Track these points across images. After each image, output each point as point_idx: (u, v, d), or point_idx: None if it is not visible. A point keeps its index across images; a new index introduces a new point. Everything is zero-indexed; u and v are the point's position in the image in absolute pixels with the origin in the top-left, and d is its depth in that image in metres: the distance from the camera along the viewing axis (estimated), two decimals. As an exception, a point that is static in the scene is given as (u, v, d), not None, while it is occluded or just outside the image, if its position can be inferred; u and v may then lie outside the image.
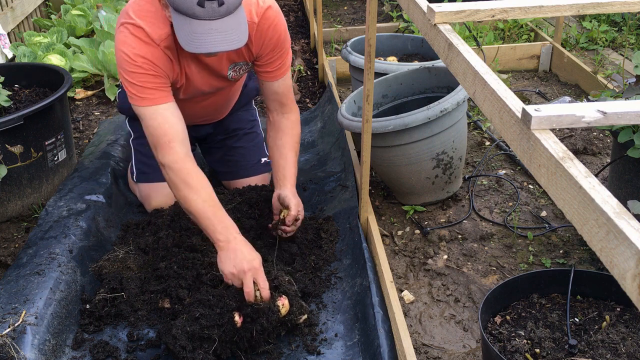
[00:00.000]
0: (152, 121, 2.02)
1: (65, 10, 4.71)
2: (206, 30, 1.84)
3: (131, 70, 2.00)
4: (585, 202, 0.74)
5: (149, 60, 2.00)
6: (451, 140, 2.45)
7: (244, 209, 2.37)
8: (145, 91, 2.01)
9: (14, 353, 1.70)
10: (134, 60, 1.99)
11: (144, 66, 1.99)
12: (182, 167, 1.99)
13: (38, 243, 2.20)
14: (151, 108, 2.02)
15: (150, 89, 2.02)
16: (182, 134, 2.03)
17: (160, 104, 2.02)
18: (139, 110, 2.04)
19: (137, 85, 2.01)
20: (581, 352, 1.60)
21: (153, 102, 2.02)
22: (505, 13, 1.28)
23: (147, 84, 2.01)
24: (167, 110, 2.03)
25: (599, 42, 4.32)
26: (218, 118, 2.66)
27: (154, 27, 2.00)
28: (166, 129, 2.01)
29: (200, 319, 1.84)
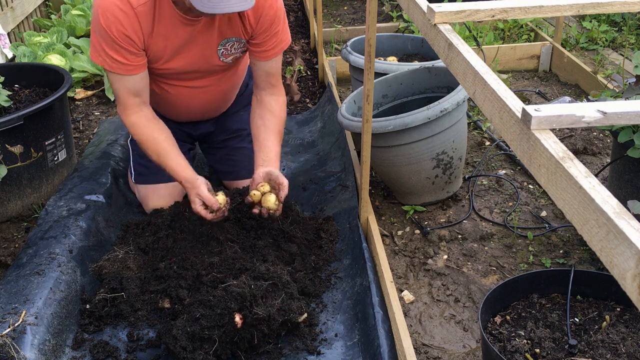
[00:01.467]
0: (116, 84, 2.19)
1: (65, 10, 4.71)
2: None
3: (102, 34, 2.08)
4: (585, 202, 0.74)
5: (123, 29, 2.07)
6: (451, 140, 2.45)
7: (244, 209, 2.37)
8: (116, 61, 2.12)
9: (14, 353, 1.70)
10: (109, 29, 2.07)
11: (118, 38, 2.08)
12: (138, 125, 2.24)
13: (38, 243, 2.20)
14: (117, 75, 2.16)
15: (120, 61, 2.12)
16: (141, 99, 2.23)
17: (125, 74, 2.16)
18: (106, 72, 2.20)
19: (108, 52, 2.11)
20: (581, 352, 1.60)
21: (120, 70, 2.14)
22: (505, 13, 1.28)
23: (118, 54, 2.11)
24: (130, 80, 2.18)
25: (599, 42, 4.32)
26: (217, 114, 2.64)
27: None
28: (126, 94, 2.20)
29: (200, 319, 1.84)
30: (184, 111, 2.53)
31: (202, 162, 3.00)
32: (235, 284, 1.91)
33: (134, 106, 2.23)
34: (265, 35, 2.24)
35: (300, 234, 2.32)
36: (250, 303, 1.86)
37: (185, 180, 2.22)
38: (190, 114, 2.56)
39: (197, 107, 2.52)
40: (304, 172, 2.92)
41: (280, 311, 1.88)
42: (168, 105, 2.47)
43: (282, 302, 1.90)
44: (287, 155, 3.08)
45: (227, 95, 2.60)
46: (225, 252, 2.17)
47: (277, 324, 1.86)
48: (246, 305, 1.85)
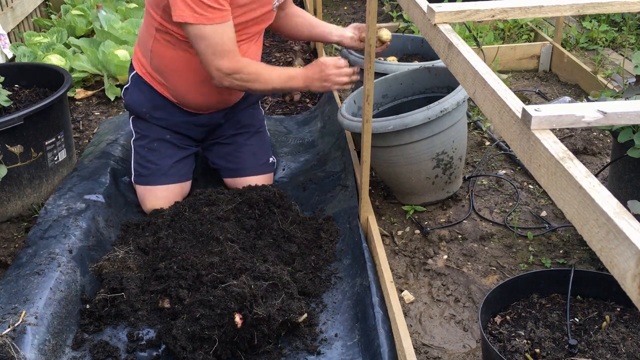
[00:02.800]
0: (219, 36, 2.22)
1: (65, 10, 4.72)
2: None
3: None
4: (585, 202, 0.74)
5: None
6: (451, 140, 2.45)
7: (244, 209, 2.37)
8: (215, 10, 2.17)
9: (14, 353, 1.70)
10: None
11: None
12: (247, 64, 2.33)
13: (38, 243, 2.20)
14: (218, 25, 2.20)
15: (218, 9, 2.18)
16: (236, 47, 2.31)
17: (226, 21, 2.22)
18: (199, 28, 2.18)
19: (204, 4, 2.14)
20: (581, 352, 1.60)
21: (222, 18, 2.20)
22: (505, 13, 1.28)
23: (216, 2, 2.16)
24: (229, 27, 2.25)
25: (599, 42, 4.32)
26: (232, 102, 2.65)
27: None
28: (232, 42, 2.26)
29: (200, 319, 1.84)
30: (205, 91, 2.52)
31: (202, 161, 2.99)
32: (235, 284, 1.91)
33: (236, 52, 2.29)
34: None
35: (300, 234, 2.32)
36: (250, 303, 1.86)
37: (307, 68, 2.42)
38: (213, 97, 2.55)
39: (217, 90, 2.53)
40: (304, 172, 2.92)
41: (280, 311, 1.88)
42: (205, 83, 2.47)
43: (282, 302, 1.90)
44: (287, 155, 3.08)
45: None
46: (225, 252, 2.17)
47: (277, 324, 1.86)
48: (246, 305, 1.85)
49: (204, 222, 2.29)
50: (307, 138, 3.26)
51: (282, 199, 2.44)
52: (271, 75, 2.38)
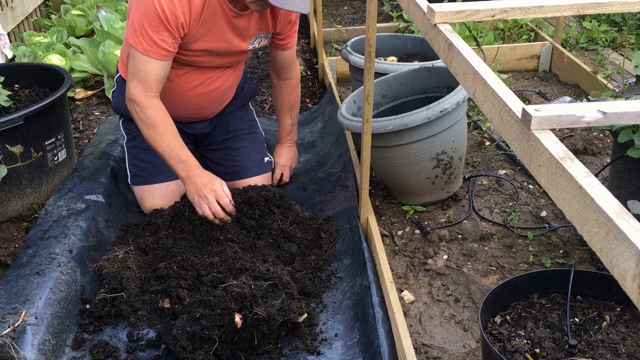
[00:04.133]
0: (146, 66, 2.20)
1: (65, 10, 4.72)
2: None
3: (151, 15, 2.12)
4: (585, 202, 0.74)
5: (176, 11, 2.14)
6: (451, 140, 2.45)
7: (244, 209, 2.37)
8: (155, 44, 2.17)
9: (14, 353, 1.70)
10: (161, 8, 2.11)
11: (168, 19, 2.14)
12: (150, 106, 2.24)
13: (38, 243, 2.20)
14: (150, 58, 2.19)
15: (159, 45, 2.17)
16: (159, 86, 2.26)
17: (159, 59, 2.20)
18: (134, 52, 2.19)
19: (147, 32, 2.14)
20: (581, 352, 1.60)
21: (155, 55, 2.18)
22: (505, 13, 1.28)
23: (159, 37, 2.16)
24: (161, 65, 2.22)
25: (599, 42, 4.32)
26: (213, 113, 2.66)
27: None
28: (150, 79, 2.21)
29: (200, 319, 1.84)
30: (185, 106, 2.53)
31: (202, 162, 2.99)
32: (235, 284, 1.91)
33: (155, 90, 2.25)
34: (287, 31, 2.55)
35: (300, 234, 2.32)
36: (250, 303, 1.86)
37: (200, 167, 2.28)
38: (191, 109, 2.55)
39: (197, 103, 2.53)
40: (304, 172, 2.92)
41: (280, 311, 1.88)
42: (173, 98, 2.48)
43: (282, 302, 1.90)
44: (287, 155, 3.08)
45: (226, 93, 2.63)
46: (225, 252, 2.17)
47: (277, 324, 1.86)
48: (246, 306, 1.85)
49: (204, 222, 2.29)
50: (307, 138, 3.26)
51: (282, 199, 2.44)
52: (165, 136, 2.24)
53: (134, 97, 2.23)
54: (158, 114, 2.25)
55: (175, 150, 2.25)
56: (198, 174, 2.25)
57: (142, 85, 2.22)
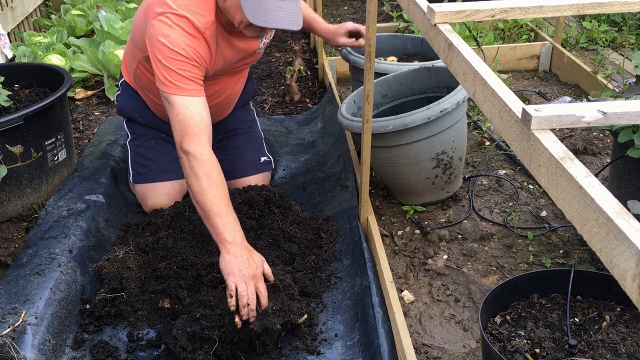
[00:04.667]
0: (185, 110, 2.00)
1: (65, 10, 4.72)
2: (274, 8, 1.97)
3: (172, 56, 2.02)
4: (585, 202, 0.74)
5: (193, 49, 2.06)
6: (451, 140, 2.45)
7: (244, 209, 2.37)
8: (183, 80, 2.03)
9: (14, 353, 1.70)
10: (178, 46, 2.03)
11: (187, 55, 2.05)
12: (207, 159, 1.96)
13: (38, 243, 2.20)
14: (186, 98, 2.02)
15: (188, 80, 2.04)
16: (209, 129, 2.04)
17: (194, 96, 2.04)
18: (171, 98, 2.02)
19: (174, 72, 2.02)
20: (581, 352, 1.60)
21: (188, 92, 2.03)
22: (505, 13, 1.28)
23: (186, 72, 2.04)
24: (200, 104, 2.04)
25: (599, 42, 4.32)
26: (220, 118, 2.66)
27: (198, 15, 2.08)
28: (197, 121, 2.00)
29: (200, 319, 1.84)
30: None
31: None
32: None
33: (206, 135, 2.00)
34: None
35: (300, 234, 2.32)
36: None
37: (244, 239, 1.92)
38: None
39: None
40: (304, 172, 2.92)
41: (281, 312, 1.88)
42: None
43: (282, 304, 1.90)
44: (287, 155, 3.08)
45: (234, 99, 2.64)
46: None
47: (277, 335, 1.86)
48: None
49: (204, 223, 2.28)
50: (307, 138, 3.26)
51: (282, 199, 2.44)
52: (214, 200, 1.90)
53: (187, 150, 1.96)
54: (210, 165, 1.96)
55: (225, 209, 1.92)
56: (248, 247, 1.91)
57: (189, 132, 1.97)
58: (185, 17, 2.05)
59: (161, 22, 2.04)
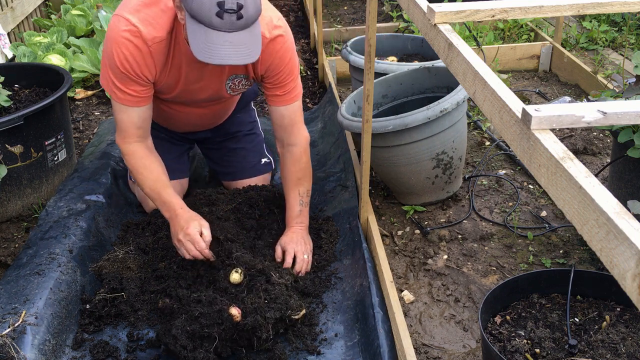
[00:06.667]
0: (119, 114, 2.15)
1: (65, 10, 4.71)
2: (221, 42, 1.82)
3: (113, 68, 2.05)
4: (585, 202, 0.74)
5: (136, 67, 2.04)
6: (451, 140, 2.45)
7: (244, 209, 2.37)
8: (121, 90, 2.09)
9: (14, 353, 1.70)
10: (120, 59, 2.02)
11: (126, 70, 2.04)
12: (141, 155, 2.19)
13: (38, 243, 2.20)
14: (122, 105, 2.13)
15: (124, 92, 2.09)
16: (142, 129, 2.19)
17: (128, 105, 2.12)
18: (111, 100, 2.16)
19: (115, 82, 2.08)
20: (581, 352, 1.60)
21: (123, 101, 2.12)
22: (505, 13, 1.28)
23: (125, 85, 2.08)
24: (134, 112, 2.14)
25: (599, 42, 4.32)
26: (215, 125, 2.66)
27: (150, 27, 2.01)
28: (129, 125, 2.16)
29: (200, 317, 1.84)
30: (183, 125, 2.55)
31: (202, 162, 3.00)
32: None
33: (134, 136, 2.17)
34: (277, 79, 2.20)
35: (300, 234, 2.32)
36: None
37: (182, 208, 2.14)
38: (190, 127, 2.57)
39: (197, 123, 2.54)
40: (304, 172, 2.92)
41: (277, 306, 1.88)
42: (168, 120, 2.49)
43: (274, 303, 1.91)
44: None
45: (228, 111, 2.63)
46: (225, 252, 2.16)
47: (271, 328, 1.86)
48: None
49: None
50: (307, 138, 3.26)
51: (282, 199, 2.44)
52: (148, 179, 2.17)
53: (118, 146, 2.22)
54: (137, 157, 2.18)
55: (157, 191, 2.16)
56: (179, 215, 2.11)
57: (120, 133, 2.18)
58: (135, 26, 1.99)
59: (114, 24, 2.03)
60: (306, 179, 2.32)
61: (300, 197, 2.30)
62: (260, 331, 1.83)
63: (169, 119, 2.47)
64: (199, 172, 2.96)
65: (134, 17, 2.00)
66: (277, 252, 2.21)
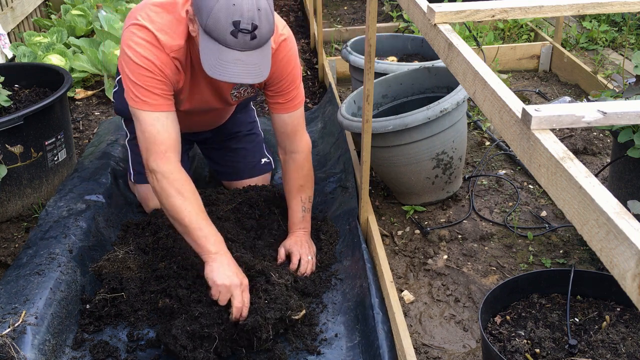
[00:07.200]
0: (151, 127, 1.98)
1: (65, 10, 4.71)
2: (233, 60, 1.81)
3: (138, 71, 1.96)
4: (585, 202, 0.74)
5: (158, 65, 1.97)
6: (451, 140, 2.45)
7: (244, 209, 2.37)
8: (150, 95, 1.97)
9: (14, 353, 1.70)
10: (143, 61, 1.95)
11: (153, 70, 1.97)
12: (177, 177, 1.97)
13: (38, 243, 2.20)
14: (153, 114, 1.98)
15: (155, 95, 1.98)
16: (178, 145, 2.02)
17: (162, 111, 1.99)
18: (138, 113, 2.00)
19: (141, 88, 1.97)
20: (581, 352, 1.60)
21: (155, 108, 1.99)
22: (505, 13, 1.28)
23: (153, 88, 1.98)
24: (167, 119, 2.00)
25: (599, 42, 4.32)
26: (216, 126, 2.66)
27: (167, 36, 1.98)
28: (165, 138, 1.98)
29: (199, 317, 1.84)
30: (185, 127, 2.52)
31: (202, 162, 3.00)
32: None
33: (172, 151, 1.99)
34: (279, 87, 2.19)
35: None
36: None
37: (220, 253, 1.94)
38: (192, 127, 2.57)
39: (198, 124, 2.54)
40: (304, 172, 2.92)
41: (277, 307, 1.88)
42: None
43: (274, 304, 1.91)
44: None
45: (228, 114, 2.64)
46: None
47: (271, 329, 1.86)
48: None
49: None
50: (307, 138, 3.26)
51: (282, 199, 2.44)
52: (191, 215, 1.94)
53: (152, 169, 1.98)
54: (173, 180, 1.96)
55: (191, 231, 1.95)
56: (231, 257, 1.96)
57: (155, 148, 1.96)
58: (153, 33, 1.96)
59: (132, 33, 1.98)
60: (308, 185, 2.32)
61: (302, 204, 2.29)
62: (260, 331, 1.83)
63: None
64: (199, 172, 2.96)
65: (150, 25, 1.98)
66: (280, 254, 2.19)
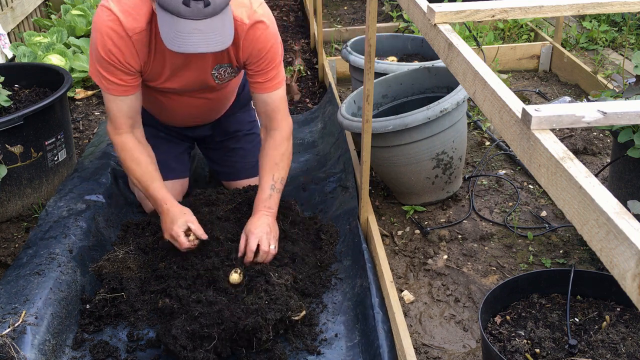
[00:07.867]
0: (110, 104, 2.17)
1: (65, 10, 4.71)
2: (190, 30, 1.83)
3: (99, 57, 2.07)
4: (585, 202, 0.74)
5: (120, 55, 2.05)
6: (451, 140, 2.45)
7: (244, 209, 2.37)
8: (108, 81, 2.11)
9: (14, 353, 1.70)
10: (104, 51, 2.04)
11: (114, 62, 2.06)
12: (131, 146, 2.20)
13: (38, 243, 2.20)
14: (111, 95, 2.15)
15: (111, 82, 2.11)
16: (133, 119, 2.21)
17: (117, 95, 2.14)
18: (103, 93, 2.19)
19: (102, 72, 2.10)
20: (581, 352, 1.60)
21: (111, 91, 2.13)
22: (505, 13, 1.28)
23: (111, 75, 2.09)
24: (123, 101, 2.16)
25: (599, 42, 4.32)
26: (213, 119, 2.64)
27: (129, 18, 2.02)
28: (119, 115, 2.18)
29: (199, 317, 1.84)
30: (181, 118, 2.54)
31: (202, 162, 3.00)
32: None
33: (125, 126, 2.20)
34: (258, 66, 2.19)
35: (301, 235, 2.32)
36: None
37: (171, 204, 2.17)
38: (187, 120, 2.56)
39: (194, 114, 2.52)
40: (304, 172, 2.92)
41: (277, 307, 1.88)
42: (165, 112, 2.48)
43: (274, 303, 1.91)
44: (287, 155, 3.08)
45: (224, 102, 2.61)
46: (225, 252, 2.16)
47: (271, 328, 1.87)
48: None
49: (204, 222, 2.28)
50: (307, 138, 3.26)
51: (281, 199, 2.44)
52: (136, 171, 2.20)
53: (109, 137, 2.24)
54: (127, 149, 2.20)
55: (145, 185, 2.20)
56: (164, 212, 2.17)
57: (111, 124, 2.20)
58: (116, 16, 2.01)
59: (99, 16, 2.05)
60: (283, 165, 2.28)
61: (273, 182, 2.24)
62: (260, 332, 1.83)
63: (166, 111, 2.46)
64: (199, 172, 2.96)
65: (115, 7, 2.02)
66: (241, 244, 2.14)
